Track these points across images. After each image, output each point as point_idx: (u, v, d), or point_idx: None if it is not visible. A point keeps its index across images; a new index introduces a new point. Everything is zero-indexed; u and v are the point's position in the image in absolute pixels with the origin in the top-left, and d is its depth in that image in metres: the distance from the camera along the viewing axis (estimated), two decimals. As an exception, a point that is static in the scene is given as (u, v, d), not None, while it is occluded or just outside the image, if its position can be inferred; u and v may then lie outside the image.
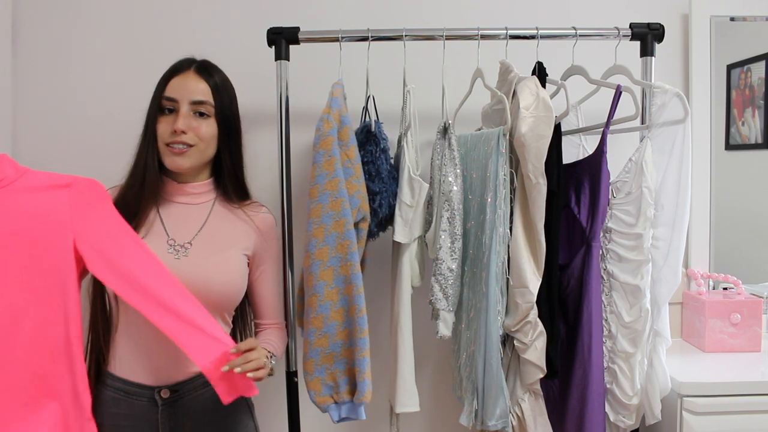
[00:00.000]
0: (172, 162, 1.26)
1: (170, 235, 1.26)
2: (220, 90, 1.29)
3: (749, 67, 1.83)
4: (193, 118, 1.25)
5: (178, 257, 1.24)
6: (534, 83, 1.33)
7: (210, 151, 1.29)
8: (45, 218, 1.14)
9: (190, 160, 1.26)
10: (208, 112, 1.27)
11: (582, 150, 1.67)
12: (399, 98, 1.50)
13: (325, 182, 1.31)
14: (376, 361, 1.44)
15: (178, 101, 1.25)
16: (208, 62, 1.32)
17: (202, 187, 1.33)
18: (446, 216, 1.37)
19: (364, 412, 1.37)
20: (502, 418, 1.35)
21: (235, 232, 1.32)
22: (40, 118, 1.73)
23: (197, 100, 1.25)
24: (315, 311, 1.33)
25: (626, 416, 1.40)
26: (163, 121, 1.26)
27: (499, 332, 1.35)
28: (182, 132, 1.23)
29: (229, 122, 1.31)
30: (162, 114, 1.26)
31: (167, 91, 1.26)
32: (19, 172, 1.16)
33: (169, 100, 1.25)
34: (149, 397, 1.22)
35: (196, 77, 1.27)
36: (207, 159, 1.30)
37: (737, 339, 1.65)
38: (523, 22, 1.51)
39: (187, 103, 1.25)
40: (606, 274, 1.43)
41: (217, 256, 1.27)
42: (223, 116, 1.29)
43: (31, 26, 1.73)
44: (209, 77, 1.28)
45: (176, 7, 1.75)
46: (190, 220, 1.30)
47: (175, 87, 1.26)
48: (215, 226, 1.31)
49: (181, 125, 1.23)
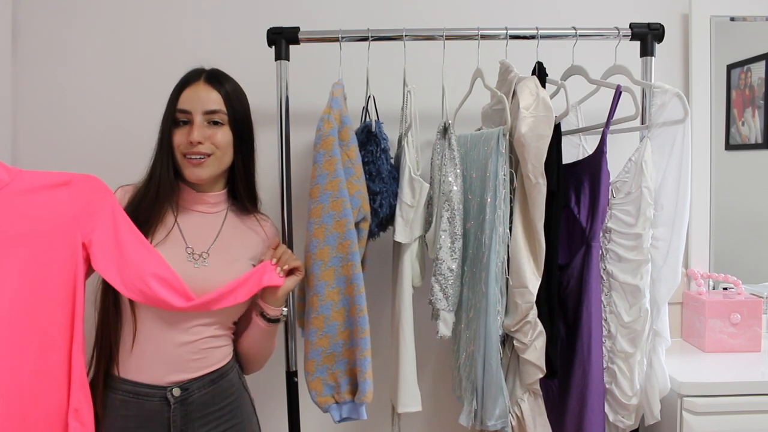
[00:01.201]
0: (192, 173, 1.27)
1: (188, 244, 1.28)
2: (232, 98, 1.30)
3: (749, 67, 1.83)
4: (208, 128, 1.27)
5: (197, 265, 1.26)
6: (534, 83, 1.33)
7: (227, 158, 1.30)
8: (47, 220, 1.12)
9: (210, 170, 1.28)
10: (222, 120, 1.28)
11: (582, 150, 1.68)
12: (399, 98, 1.50)
13: (325, 182, 1.31)
14: (377, 361, 1.44)
15: (191, 113, 1.26)
16: (217, 71, 1.33)
17: (218, 197, 1.35)
18: (446, 216, 1.37)
19: (365, 412, 1.37)
20: (501, 418, 1.35)
21: (245, 241, 1.34)
22: (41, 118, 1.73)
23: (210, 110, 1.27)
24: (316, 311, 1.33)
25: (625, 416, 1.41)
26: (179, 132, 1.27)
27: (498, 332, 1.35)
28: (198, 143, 1.25)
29: (243, 129, 1.32)
30: (177, 126, 1.28)
31: (180, 103, 1.27)
32: (12, 174, 1.11)
33: (182, 112, 1.27)
34: (161, 396, 1.22)
35: (206, 87, 1.28)
36: (225, 166, 1.32)
37: (737, 339, 1.65)
38: (523, 22, 1.51)
39: (201, 114, 1.26)
40: (606, 274, 1.43)
41: (231, 267, 1.28)
42: (236, 124, 1.30)
43: (31, 26, 1.73)
44: (220, 86, 1.29)
45: (176, 7, 1.75)
46: (206, 229, 1.31)
47: (188, 99, 1.27)
48: (228, 235, 1.32)
49: (197, 136, 1.24)
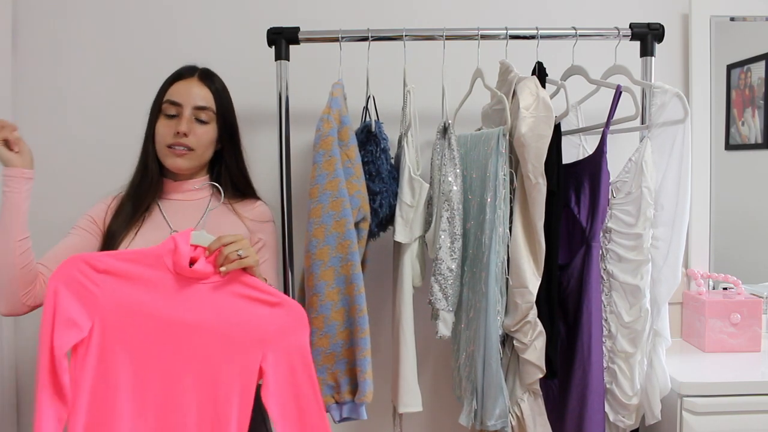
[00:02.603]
0: (173, 163, 1.31)
1: (172, 227, 1.31)
2: (221, 95, 1.35)
3: (749, 67, 1.83)
4: (194, 123, 1.31)
5: None
6: (534, 83, 1.33)
7: (207, 155, 1.36)
8: (243, 329, 1.13)
9: (189, 163, 1.32)
10: (208, 118, 1.33)
11: (582, 150, 1.67)
12: (399, 98, 1.50)
13: (325, 182, 1.31)
14: (377, 360, 1.44)
15: (182, 105, 1.30)
16: (209, 70, 1.38)
17: (198, 184, 1.37)
18: (446, 216, 1.37)
19: (365, 412, 1.37)
20: (501, 418, 1.35)
21: (233, 226, 1.34)
22: (41, 118, 1.73)
23: (200, 106, 1.31)
24: (316, 311, 1.33)
25: (626, 416, 1.41)
26: (165, 124, 1.30)
27: (498, 332, 1.35)
28: (184, 134, 1.28)
29: (231, 124, 1.37)
30: (163, 117, 1.31)
31: (171, 94, 1.31)
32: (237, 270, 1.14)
33: (172, 104, 1.30)
34: None
35: (199, 84, 1.33)
36: (204, 162, 1.37)
37: (737, 339, 1.65)
38: (523, 22, 1.51)
39: (191, 108, 1.30)
40: (606, 274, 1.43)
41: None
42: (224, 119, 1.35)
43: (31, 26, 1.73)
44: (211, 84, 1.34)
45: (176, 7, 1.75)
46: (189, 213, 1.34)
47: (180, 91, 1.31)
48: (213, 219, 1.33)
49: (185, 128, 1.28)
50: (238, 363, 1.12)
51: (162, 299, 1.11)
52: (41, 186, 1.72)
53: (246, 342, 1.13)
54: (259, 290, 1.15)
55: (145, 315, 1.10)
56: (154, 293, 1.11)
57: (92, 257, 1.10)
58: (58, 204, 1.70)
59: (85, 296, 1.08)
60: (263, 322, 1.14)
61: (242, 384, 1.12)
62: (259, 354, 1.13)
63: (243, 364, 1.12)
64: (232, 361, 1.12)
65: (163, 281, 1.12)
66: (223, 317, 1.13)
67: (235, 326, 1.13)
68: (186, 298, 1.12)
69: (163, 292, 1.12)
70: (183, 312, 1.12)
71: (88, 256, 1.10)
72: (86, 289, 1.08)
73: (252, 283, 1.15)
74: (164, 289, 1.12)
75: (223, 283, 1.14)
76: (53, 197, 1.71)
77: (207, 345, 1.12)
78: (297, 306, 1.17)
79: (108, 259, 1.11)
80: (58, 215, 1.70)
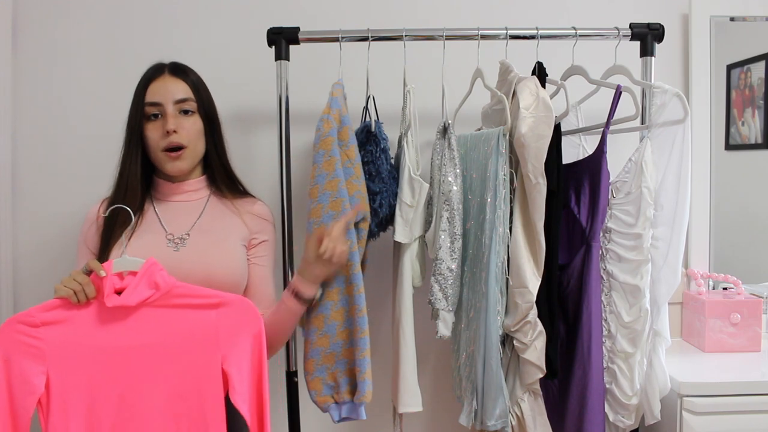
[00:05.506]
0: (173, 167, 1.29)
1: (168, 230, 1.29)
2: (198, 87, 1.33)
3: (749, 67, 1.83)
4: (180, 117, 1.29)
5: (177, 249, 1.26)
6: (534, 83, 1.33)
7: (200, 147, 1.33)
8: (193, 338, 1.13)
9: (188, 161, 1.31)
10: (192, 108, 1.31)
11: (582, 150, 1.67)
12: (399, 98, 1.50)
13: (325, 182, 1.31)
14: (377, 361, 1.44)
15: (162, 104, 1.28)
16: (179, 63, 1.35)
17: (197, 184, 1.36)
18: (446, 216, 1.37)
19: (364, 412, 1.37)
20: (501, 418, 1.35)
21: (231, 223, 1.33)
22: (40, 118, 1.73)
23: (180, 99, 1.29)
24: (315, 311, 1.33)
25: (626, 416, 1.41)
26: (151, 128, 1.28)
27: (498, 332, 1.35)
28: (174, 132, 1.26)
29: (212, 116, 1.35)
30: (148, 121, 1.29)
31: (148, 96, 1.28)
32: (168, 284, 1.14)
33: (152, 105, 1.28)
34: None
35: (173, 78, 1.30)
36: (200, 155, 1.34)
37: (737, 339, 1.65)
38: (523, 22, 1.51)
39: (172, 104, 1.28)
40: (606, 274, 1.43)
41: (216, 246, 1.28)
42: (205, 111, 1.33)
43: (30, 26, 1.73)
44: (185, 76, 1.32)
45: (176, 7, 1.75)
46: (186, 215, 1.32)
47: (156, 91, 1.29)
48: (211, 218, 1.33)
49: (172, 125, 1.26)
50: (201, 372, 1.13)
51: (105, 331, 1.12)
52: (41, 185, 1.74)
53: (201, 349, 1.13)
54: (197, 296, 1.15)
55: (94, 351, 1.11)
56: (96, 328, 1.12)
57: (24, 316, 1.10)
58: (59, 203, 1.70)
59: (32, 354, 1.09)
60: (212, 325, 1.14)
61: (212, 392, 1.12)
62: (218, 357, 1.13)
63: (206, 372, 1.13)
64: (195, 373, 1.12)
65: (101, 314, 1.12)
66: (172, 332, 1.13)
67: (187, 337, 1.13)
68: (129, 323, 1.13)
69: (105, 324, 1.12)
70: (131, 338, 1.12)
71: (19, 317, 1.10)
72: (31, 346, 1.09)
73: (188, 292, 1.15)
74: (105, 321, 1.12)
75: (160, 299, 1.13)
76: (53, 196, 1.72)
77: (165, 363, 1.12)
78: (240, 299, 1.17)
79: (39, 313, 1.11)
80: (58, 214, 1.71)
